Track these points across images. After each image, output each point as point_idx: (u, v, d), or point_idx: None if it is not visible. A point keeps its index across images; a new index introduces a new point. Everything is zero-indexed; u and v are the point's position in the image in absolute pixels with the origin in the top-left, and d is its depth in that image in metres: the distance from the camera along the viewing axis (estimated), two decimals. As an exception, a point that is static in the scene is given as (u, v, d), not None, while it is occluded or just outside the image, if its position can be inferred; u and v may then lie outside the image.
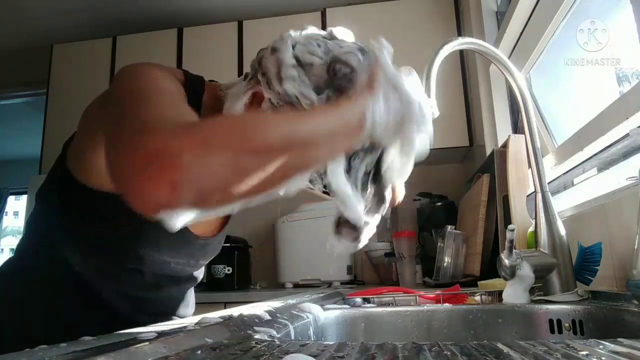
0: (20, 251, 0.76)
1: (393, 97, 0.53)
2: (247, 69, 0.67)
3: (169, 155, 0.40)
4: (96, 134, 0.63)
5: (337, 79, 0.57)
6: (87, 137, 0.67)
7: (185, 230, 0.74)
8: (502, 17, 1.76)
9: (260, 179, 0.45)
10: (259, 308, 0.61)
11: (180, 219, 0.42)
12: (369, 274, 2.30)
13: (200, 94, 0.69)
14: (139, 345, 0.33)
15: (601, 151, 1.00)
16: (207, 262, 0.87)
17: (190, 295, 0.90)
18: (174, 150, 0.40)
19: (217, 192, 0.43)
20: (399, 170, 0.60)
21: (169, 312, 0.83)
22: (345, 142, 0.52)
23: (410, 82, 0.56)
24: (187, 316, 0.88)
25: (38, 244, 0.74)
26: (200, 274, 0.89)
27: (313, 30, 0.63)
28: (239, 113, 0.57)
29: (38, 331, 0.68)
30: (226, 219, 0.86)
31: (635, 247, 0.67)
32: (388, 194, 0.62)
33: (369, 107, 0.51)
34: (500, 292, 0.84)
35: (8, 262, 0.77)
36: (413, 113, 0.54)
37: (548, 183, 0.90)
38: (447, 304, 0.83)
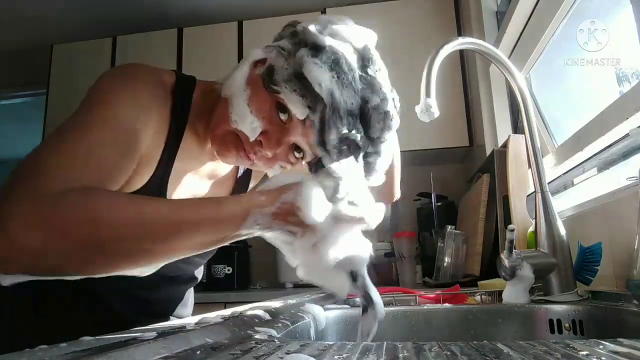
0: None
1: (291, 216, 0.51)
2: (247, 69, 0.68)
3: (9, 229, 0.42)
4: None
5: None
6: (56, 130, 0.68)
7: None
8: (502, 17, 1.76)
9: (95, 268, 0.47)
10: (259, 308, 0.61)
11: (7, 280, 0.45)
12: (369, 274, 2.30)
13: (190, 92, 0.70)
14: (139, 345, 0.33)
15: (601, 151, 1.00)
16: (204, 260, 0.87)
17: (189, 296, 0.90)
18: (15, 225, 0.42)
19: (48, 271, 0.46)
20: None
21: (167, 313, 0.83)
22: (223, 236, 0.51)
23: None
24: (186, 316, 0.87)
25: None
26: (199, 274, 0.89)
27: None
28: (103, 196, 0.50)
29: (33, 332, 0.68)
30: None
31: (635, 247, 0.67)
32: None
33: (252, 213, 0.50)
34: (500, 292, 0.83)
35: None
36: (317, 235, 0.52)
37: (548, 183, 0.90)
38: (447, 304, 0.83)
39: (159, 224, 0.47)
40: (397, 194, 0.88)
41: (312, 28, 0.62)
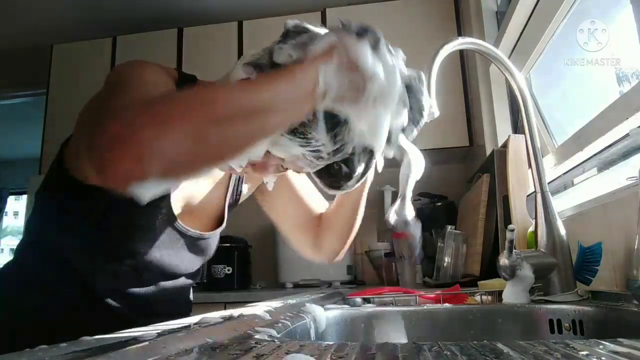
0: (20, 252, 0.76)
1: (352, 66, 0.54)
2: (247, 69, 0.68)
3: (129, 134, 0.43)
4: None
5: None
6: (82, 136, 0.68)
7: (179, 226, 0.74)
8: (502, 17, 1.76)
9: (222, 146, 0.49)
10: (259, 308, 0.61)
11: (150, 190, 0.45)
12: (369, 274, 2.30)
13: None
14: (139, 345, 0.33)
15: (601, 151, 1.00)
16: (204, 259, 0.87)
17: (188, 296, 0.90)
18: (133, 129, 0.43)
19: (181, 161, 0.46)
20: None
21: (167, 313, 0.83)
22: (302, 106, 0.54)
23: (388, 59, 0.57)
24: (184, 317, 0.87)
25: (38, 244, 0.74)
26: (198, 273, 0.89)
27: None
28: (198, 86, 0.58)
29: (33, 332, 0.68)
30: (221, 219, 0.86)
31: (635, 247, 0.67)
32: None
33: (320, 71, 0.53)
34: (500, 292, 0.83)
35: (8, 264, 0.78)
36: (376, 85, 0.55)
37: (548, 183, 0.90)
38: (447, 304, 0.83)
39: (255, 102, 0.50)
40: (341, 257, 0.96)
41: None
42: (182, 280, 0.85)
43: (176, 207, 0.74)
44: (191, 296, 0.92)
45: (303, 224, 0.93)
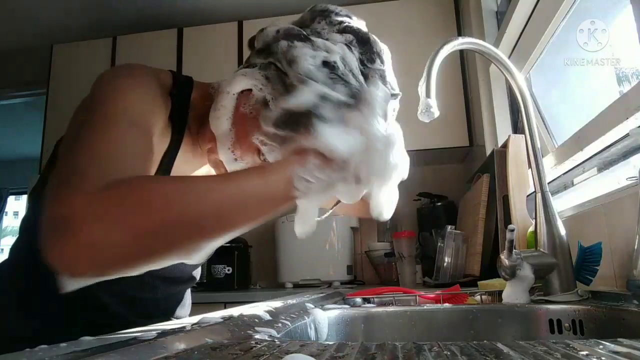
0: (14, 252, 0.75)
1: (327, 161, 0.51)
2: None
3: (71, 226, 0.41)
4: None
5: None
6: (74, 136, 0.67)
7: None
8: (502, 17, 1.76)
9: (165, 253, 0.46)
10: (259, 308, 0.61)
11: (75, 284, 0.44)
12: (369, 274, 2.30)
13: (188, 94, 0.69)
14: (139, 345, 0.33)
15: (601, 151, 1.00)
16: (203, 261, 0.87)
17: (187, 296, 0.90)
18: (76, 221, 0.41)
19: (117, 266, 0.44)
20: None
21: (166, 314, 0.83)
22: (272, 208, 0.51)
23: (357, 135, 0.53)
24: (184, 317, 0.87)
25: (33, 244, 0.73)
26: (197, 274, 0.89)
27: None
28: (157, 181, 0.52)
29: (32, 332, 0.68)
30: None
31: (635, 247, 0.67)
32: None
33: (295, 173, 0.50)
34: (500, 292, 0.83)
35: (2, 264, 0.76)
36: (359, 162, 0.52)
37: (548, 183, 0.90)
38: (447, 304, 0.83)
39: (214, 202, 0.47)
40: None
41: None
42: (182, 281, 0.84)
43: None
44: (190, 298, 0.92)
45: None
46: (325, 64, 0.56)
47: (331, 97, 0.54)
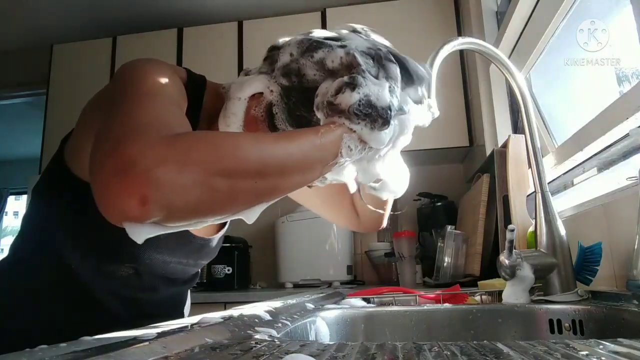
0: (15, 250, 0.74)
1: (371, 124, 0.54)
2: (247, 68, 0.67)
3: (142, 168, 0.39)
4: (94, 130, 0.63)
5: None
6: (85, 132, 0.66)
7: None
8: (502, 17, 1.76)
9: (231, 199, 0.46)
10: (259, 308, 0.61)
11: (145, 232, 0.42)
12: (369, 274, 2.30)
13: (201, 93, 0.69)
14: (139, 345, 0.33)
15: (601, 151, 1.00)
16: (207, 262, 0.87)
17: (186, 297, 0.90)
18: (148, 163, 0.39)
19: (186, 209, 0.43)
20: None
21: (168, 315, 0.83)
22: (321, 169, 0.53)
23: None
24: (184, 317, 0.87)
25: (34, 242, 0.72)
26: (197, 275, 0.89)
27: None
28: (219, 132, 0.54)
29: (32, 332, 0.68)
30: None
31: (635, 247, 0.67)
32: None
33: (344, 140, 0.53)
34: (500, 292, 0.83)
35: (2, 262, 0.75)
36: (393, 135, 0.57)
37: (548, 183, 0.90)
38: (447, 304, 0.83)
39: (277, 156, 0.48)
40: (385, 224, 0.91)
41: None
42: (183, 282, 0.84)
43: None
44: (189, 298, 0.91)
45: (339, 204, 0.93)
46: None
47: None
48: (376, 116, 0.54)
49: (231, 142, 0.46)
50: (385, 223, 0.91)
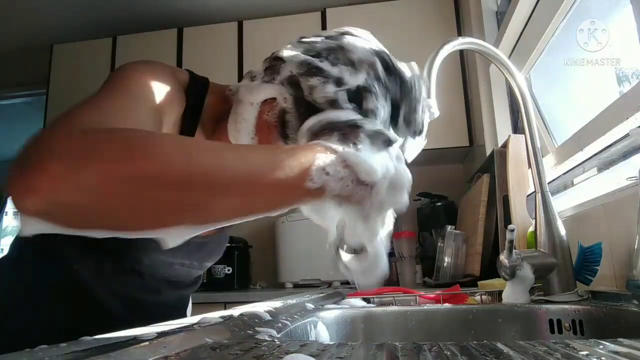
0: (15, 249, 0.74)
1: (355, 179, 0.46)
2: (247, 69, 0.67)
3: (44, 156, 0.37)
4: None
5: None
6: None
7: None
8: (502, 17, 1.76)
9: (137, 208, 0.39)
10: (259, 308, 0.61)
11: (31, 225, 0.38)
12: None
13: (203, 95, 0.69)
14: (139, 345, 0.33)
15: (601, 151, 1.00)
16: (211, 263, 0.86)
17: (188, 301, 0.90)
18: (52, 153, 0.37)
19: (78, 210, 0.38)
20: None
21: (166, 318, 0.83)
22: (281, 196, 0.43)
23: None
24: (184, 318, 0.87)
25: (33, 242, 0.72)
26: (200, 279, 0.88)
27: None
28: (148, 131, 0.44)
29: (32, 332, 0.68)
30: None
31: (635, 247, 0.67)
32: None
33: (318, 160, 0.43)
34: (500, 292, 0.83)
35: (1, 262, 0.75)
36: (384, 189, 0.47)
37: (548, 183, 0.90)
38: (447, 304, 0.83)
39: (210, 165, 0.40)
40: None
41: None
42: (185, 287, 0.84)
43: None
44: (190, 302, 0.91)
45: None
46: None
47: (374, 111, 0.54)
48: (376, 135, 0.49)
49: (151, 141, 0.40)
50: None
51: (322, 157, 0.44)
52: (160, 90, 0.58)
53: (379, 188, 0.46)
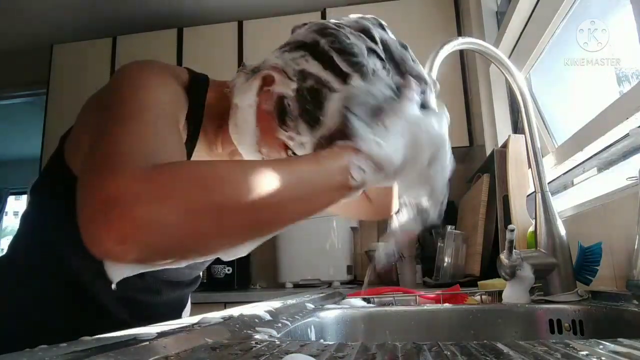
0: (14, 249, 0.74)
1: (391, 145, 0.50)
2: (247, 69, 0.67)
3: (122, 206, 0.38)
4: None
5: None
6: (86, 131, 0.66)
7: None
8: (502, 17, 1.76)
9: (219, 236, 0.43)
10: (259, 308, 0.61)
11: (123, 272, 0.41)
12: (369, 274, 2.30)
13: (204, 93, 0.69)
14: (139, 345, 0.33)
15: (601, 151, 1.00)
16: (207, 264, 0.86)
17: (187, 300, 0.90)
18: (127, 201, 0.38)
19: (168, 248, 0.41)
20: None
21: (165, 318, 0.83)
22: (337, 195, 0.50)
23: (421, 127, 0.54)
24: (184, 318, 0.87)
25: (33, 241, 0.72)
26: (199, 278, 0.88)
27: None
28: (205, 162, 0.49)
29: (32, 332, 0.68)
30: None
31: (635, 247, 0.67)
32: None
33: (352, 160, 0.49)
34: (500, 292, 0.83)
35: (1, 261, 0.74)
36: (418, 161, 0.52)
37: (548, 183, 0.90)
38: (447, 304, 0.83)
39: (272, 187, 0.44)
40: (396, 207, 0.89)
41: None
42: (186, 285, 0.84)
43: None
44: (189, 301, 0.91)
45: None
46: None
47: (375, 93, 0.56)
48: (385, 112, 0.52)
49: (218, 175, 0.43)
50: (396, 206, 0.89)
51: (354, 157, 0.49)
52: (172, 98, 0.59)
53: (405, 166, 0.52)
